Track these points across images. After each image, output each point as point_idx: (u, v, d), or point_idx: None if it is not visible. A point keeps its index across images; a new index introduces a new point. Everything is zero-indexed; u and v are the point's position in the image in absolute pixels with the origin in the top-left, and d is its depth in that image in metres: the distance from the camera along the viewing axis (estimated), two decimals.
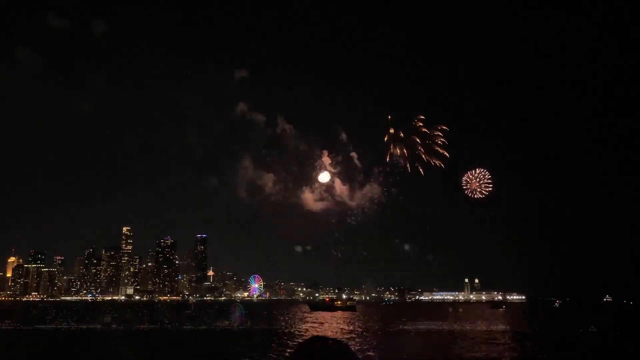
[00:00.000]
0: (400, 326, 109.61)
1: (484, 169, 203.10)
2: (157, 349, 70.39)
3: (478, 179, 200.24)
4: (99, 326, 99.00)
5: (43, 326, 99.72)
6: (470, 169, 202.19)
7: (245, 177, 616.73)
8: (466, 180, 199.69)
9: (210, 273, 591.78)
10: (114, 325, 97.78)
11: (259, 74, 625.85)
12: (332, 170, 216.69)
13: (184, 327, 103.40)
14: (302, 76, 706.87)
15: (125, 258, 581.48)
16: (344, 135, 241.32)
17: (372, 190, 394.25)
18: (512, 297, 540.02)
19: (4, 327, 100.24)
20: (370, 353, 61.47)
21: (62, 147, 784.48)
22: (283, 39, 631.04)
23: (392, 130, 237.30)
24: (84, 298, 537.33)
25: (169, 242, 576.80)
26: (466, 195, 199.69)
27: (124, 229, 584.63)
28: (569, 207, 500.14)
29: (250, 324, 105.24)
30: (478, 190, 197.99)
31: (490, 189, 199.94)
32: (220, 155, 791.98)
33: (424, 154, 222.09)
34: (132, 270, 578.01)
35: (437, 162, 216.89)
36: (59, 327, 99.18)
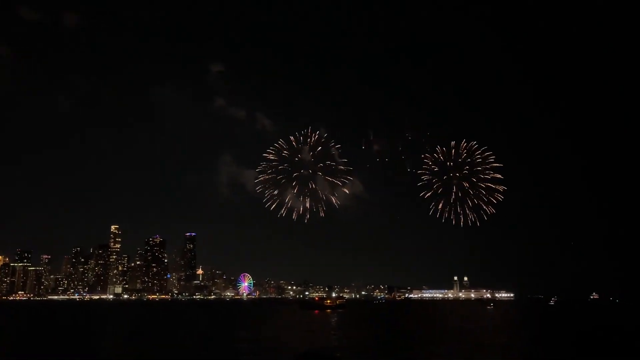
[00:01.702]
0: None
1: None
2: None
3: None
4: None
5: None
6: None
7: (227, 174, 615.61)
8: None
9: (200, 271, 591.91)
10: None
11: (235, 68, 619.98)
12: (314, 166, 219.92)
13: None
14: (280, 70, 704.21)
15: (114, 257, 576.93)
16: (324, 131, 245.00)
17: (355, 187, 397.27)
18: (500, 295, 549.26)
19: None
20: None
21: (47, 144, 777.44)
22: (261, 33, 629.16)
23: (372, 138, 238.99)
24: (71, 297, 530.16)
25: (157, 240, 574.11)
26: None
27: (112, 227, 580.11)
28: (554, 207, 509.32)
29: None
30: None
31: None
32: (203, 152, 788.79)
33: (410, 167, 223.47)
34: (120, 269, 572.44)
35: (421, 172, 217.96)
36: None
